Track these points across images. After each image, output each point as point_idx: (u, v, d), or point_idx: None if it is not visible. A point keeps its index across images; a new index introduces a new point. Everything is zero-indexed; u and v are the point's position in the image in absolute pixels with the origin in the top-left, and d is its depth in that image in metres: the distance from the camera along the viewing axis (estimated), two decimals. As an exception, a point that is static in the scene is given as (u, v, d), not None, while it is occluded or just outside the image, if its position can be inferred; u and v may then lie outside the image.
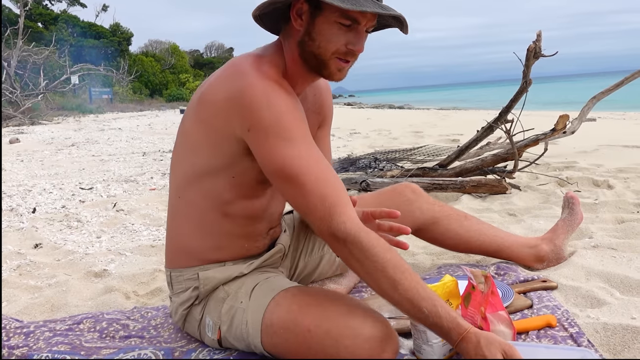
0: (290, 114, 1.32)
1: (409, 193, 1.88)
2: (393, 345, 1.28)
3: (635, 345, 1.38)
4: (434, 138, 7.72)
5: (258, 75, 1.32)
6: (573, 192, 2.13)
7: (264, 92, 1.30)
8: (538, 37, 3.35)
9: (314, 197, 1.27)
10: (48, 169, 6.05)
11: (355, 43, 1.33)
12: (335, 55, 1.34)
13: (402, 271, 1.23)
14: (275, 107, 1.29)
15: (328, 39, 1.32)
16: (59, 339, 1.63)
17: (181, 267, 1.54)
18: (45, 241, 2.96)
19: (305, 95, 1.54)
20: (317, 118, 1.62)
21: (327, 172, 1.32)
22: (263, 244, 1.60)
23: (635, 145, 5.63)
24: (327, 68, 1.37)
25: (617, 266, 1.92)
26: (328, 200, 1.27)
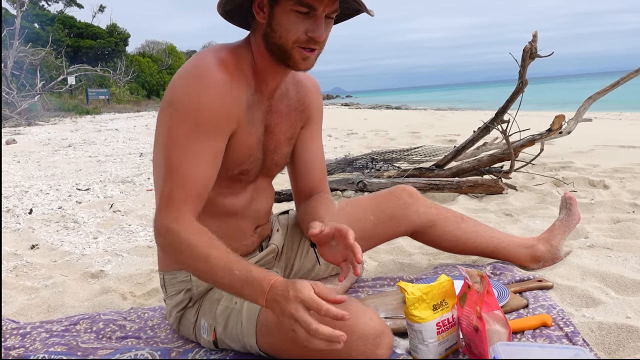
0: (207, 105, 1.32)
1: (406, 196, 1.87)
2: (387, 341, 1.28)
3: (630, 344, 1.39)
4: (430, 138, 7.73)
5: (204, 61, 1.35)
6: (571, 193, 2.13)
7: (196, 77, 1.33)
8: (534, 37, 3.36)
9: (167, 186, 1.33)
10: (45, 170, 6.05)
11: (314, 30, 1.31)
12: (297, 44, 1.33)
13: (213, 247, 1.28)
14: (193, 89, 1.32)
15: (287, 29, 1.32)
16: (55, 339, 1.63)
17: (174, 270, 1.55)
18: (41, 242, 2.96)
19: (285, 92, 1.54)
20: (299, 116, 1.60)
21: (197, 172, 1.33)
22: (251, 242, 1.60)
23: (631, 146, 5.65)
24: (291, 58, 1.36)
25: (613, 266, 1.92)
26: (173, 194, 1.32)
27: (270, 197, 1.66)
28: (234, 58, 1.39)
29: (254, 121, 1.45)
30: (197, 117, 1.32)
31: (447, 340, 1.37)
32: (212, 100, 1.32)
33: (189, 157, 1.32)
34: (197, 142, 1.33)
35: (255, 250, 1.64)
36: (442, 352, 1.36)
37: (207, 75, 1.33)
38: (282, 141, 1.56)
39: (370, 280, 1.99)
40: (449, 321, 1.37)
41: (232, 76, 1.36)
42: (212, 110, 1.33)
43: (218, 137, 1.36)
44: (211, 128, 1.34)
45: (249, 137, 1.45)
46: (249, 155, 1.47)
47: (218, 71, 1.34)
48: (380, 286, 1.93)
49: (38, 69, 21.41)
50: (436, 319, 1.34)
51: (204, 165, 1.34)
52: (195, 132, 1.32)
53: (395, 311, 1.61)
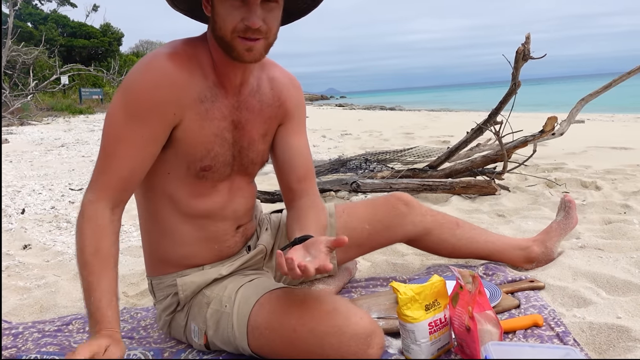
0: (144, 90, 1.33)
1: (402, 206, 1.84)
2: (378, 340, 1.29)
3: (620, 344, 1.40)
4: (424, 139, 7.75)
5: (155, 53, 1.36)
6: (570, 196, 2.14)
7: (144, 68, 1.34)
8: (527, 39, 3.37)
9: (96, 167, 1.36)
10: (37, 170, 6.02)
11: (249, 17, 1.27)
12: (235, 34, 1.30)
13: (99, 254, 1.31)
14: (139, 79, 1.34)
15: (224, 19, 1.30)
16: (47, 339, 1.63)
17: (160, 275, 1.54)
18: (34, 242, 2.95)
19: (257, 88, 1.50)
20: (275, 112, 1.55)
21: (126, 159, 1.34)
22: (234, 243, 1.58)
23: (623, 147, 5.69)
24: (233, 49, 1.32)
25: (604, 266, 1.94)
26: (98, 176, 1.35)
27: (250, 196, 1.62)
28: (190, 50, 1.38)
29: (209, 115, 1.40)
30: (132, 102, 1.32)
31: (439, 340, 1.37)
32: (149, 87, 1.32)
33: (118, 142, 1.33)
34: (128, 127, 1.33)
35: (242, 251, 1.61)
36: (435, 352, 1.37)
37: (152, 63, 1.34)
38: (256, 138, 1.52)
39: (364, 281, 1.99)
40: (441, 321, 1.37)
41: (181, 66, 1.34)
42: (148, 96, 1.32)
43: (152, 125, 1.34)
44: (144, 114, 1.32)
45: (202, 131, 1.40)
46: (208, 150, 1.42)
47: (165, 60, 1.33)
48: (373, 286, 1.93)
49: (31, 69, 21.30)
50: (428, 319, 1.35)
51: (133, 152, 1.34)
52: (128, 117, 1.32)
53: (387, 311, 1.62)
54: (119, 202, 1.36)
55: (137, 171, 1.37)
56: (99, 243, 1.31)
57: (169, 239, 1.50)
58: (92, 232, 1.31)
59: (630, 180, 3.78)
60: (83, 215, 1.33)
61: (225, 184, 1.51)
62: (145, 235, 1.56)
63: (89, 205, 1.33)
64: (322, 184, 3.84)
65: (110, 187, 1.34)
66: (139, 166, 1.37)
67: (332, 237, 1.28)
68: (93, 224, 1.32)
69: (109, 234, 1.33)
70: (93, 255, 1.30)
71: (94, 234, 1.31)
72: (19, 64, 21.05)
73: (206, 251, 1.53)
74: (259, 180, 1.64)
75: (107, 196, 1.34)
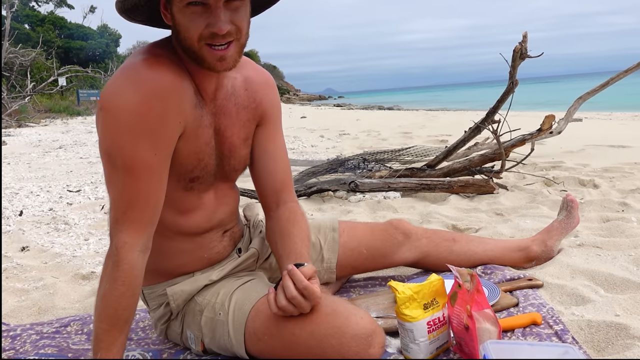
0: (149, 106, 1.21)
1: (399, 236, 1.84)
2: (379, 340, 1.28)
3: (618, 341, 1.40)
4: (422, 139, 7.74)
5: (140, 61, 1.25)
6: (573, 196, 2.14)
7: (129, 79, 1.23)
8: (524, 38, 3.38)
9: (118, 201, 1.26)
10: (35, 172, 6.01)
11: (214, 23, 1.17)
12: (202, 42, 1.20)
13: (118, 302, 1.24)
14: (130, 94, 1.21)
15: (186, 27, 1.19)
16: (46, 341, 1.63)
17: (151, 284, 1.52)
18: (32, 244, 2.94)
19: (232, 91, 1.42)
20: (252, 114, 1.48)
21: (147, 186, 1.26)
22: (223, 248, 1.54)
23: (620, 145, 5.69)
24: (204, 60, 1.23)
25: (602, 264, 1.94)
26: (126, 212, 1.25)
27: (233, 201, 1.57)
28: (167, 55, 1.28)
29: (202, 122, 1.34)
30: (135, 120, 1.21)
31: (437, 339, 1.37)
32: (148, 99, 1.21)
33: (137, 170, 1.23)
34: (141, 150, 1.22)
35: (232, 254, 1.57)
36: (433, 351, 1.37)
37: (141, 73, 1.23)
38: (237, 144, 1.45)
39: (362, 280, 1.99)
40: (440, 320, 1.37)
41: (172, 73, 1.25)
42: (150, 110, 1.21)
43: (163, 139, 1.26)
44: (153, 130, 1.23)
45: (197, 140, 1.34)
46: (199, 160, 1.37)
47: (153, 68, 1.23)
48: (372, 286, 1.93)
49: (28, 70, 21.26)
50: (427, 318, 1.35)
51: (155, 176, 1.26)
52: (136, 138, 1.21)
53: (386, 310, 1.62)
54: (150, 238, 1.29)
55: (162, 195, 1.29)
56: (130, 302, 1.25)
57: (157, 251, 1.42)
58: (127, 288, 1.24)
59: (628, 178, 3.78)
60: (119, 265, 1.22)
61: (209, 194, 1.47)
62: None
63: (125, 250, 1.23)
64: (320, 184, 3.84)
65: (142, 222, 1.25)
66: (162, 188, 1.29)
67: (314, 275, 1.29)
68: (129, 276, 1.24)
69: (139, 285, 1.27)
70: (120, 312, 1.24)
71: (128, 290, 1.24)
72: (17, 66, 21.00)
73: (196, 260, 1.51)
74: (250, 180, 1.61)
75: (141, 234, 1.25)
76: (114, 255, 1.24)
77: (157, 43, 1.34)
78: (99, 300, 1.25)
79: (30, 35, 28.64)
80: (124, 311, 1.25)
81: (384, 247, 1.82)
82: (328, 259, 1.76)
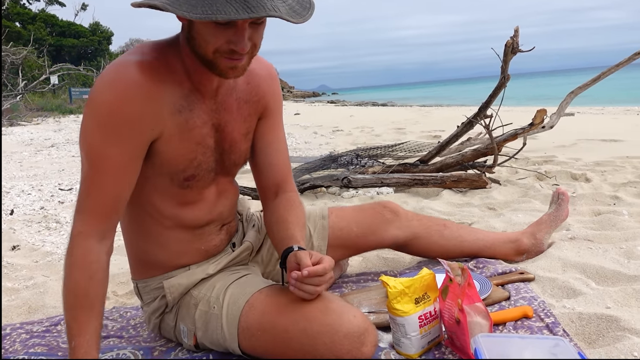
0: (119, 107, 1.22)
1: (388, 213, 1.84)
2: (372, 338, 1.28)
3: (609, 333, 1.40)
4: (415, 134, 7.75)
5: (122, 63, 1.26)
6: (564, 189, 2.15)
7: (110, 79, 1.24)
8: (515, 32, 3.38)
9: (80, 192, 1.27)
10: (27, 171, 5.98)
11: (237, 42, 1.17)
12: (218, 54, 1.19)
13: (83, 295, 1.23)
14: (107, 93, 1.22)
15: (206, 40, 1.18)
16: (35, 340, 1.61)
17: (146, 278, 1.52)
18: (23, 243, 2.93)
19: (233, 85, 1.41)
20: (254, 108, 1.47)
21: (112, 184, 1.26)
22: (220, 241, 1.55)
23: (612, 139, 5.72)
24: (216, 67, 1.23)
25: (593, 257, 1.94)
26: (83, 202, 1.26)
27: (233, 196, 1.58)
28: (161, 58, 1.28)
29: (189, 124, 1.32)
30: (105, 119, 1.22)
31: (429, 333, 1.37)
32: (121, 101, 1.22)
33: (99, 164, 1.24)
34: (105, 147, 1.23)
35: (227, 248, 1.58)
36: (425, 345, 1.37)
37: (121, 73, 1.23)
38: (238, 139, 1.45)
39: (354, 276, 1.99)
40: (431, 314, 1.37)
41: (152, 76, 1.24)
42: (120, 112, 1.22)
43: (130, 141, 1.25)
44: (120, 131, 1.23)
45: (182, 143, 1.33)
46: (190, 160, 1.36)
47: (135, 70, 1.23)
48: (365, 281, 1.93)
49: (20, 69, 21.14)
50: (418, 312, 1.35)
51: (115, 173, 1.26)
52: (104, 136, 1.23)
53: (378, 305, 1.62)
54: (109, 228, 1.29)
55: (123, 192, 1.29)
56: (87, 286, 1.23)
57: (153, 244, 1.46)
58: (81, 273, 1.23)
59: (619, 172, 3.80)
60: (72, 252, 1.24)
61: (211, 189, 1.47)
62: (128, 240, 1.53)
63: (79, 238, 1.24)
64: (313, 180, 3.83)
65: (98, 213, 1.26)
66: (124, 187, 1.29)
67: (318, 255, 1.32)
68: (82, 261, 1.24)
69: (98, 270, 1.25)
70: (81, 298, 1.23)
71: (82, 275, 1.23)
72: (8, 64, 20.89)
73: (192, 252, 1.50)
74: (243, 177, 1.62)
75: (96, 224, 1.25)
76: (69, 243, 1.26)
77: (160, 43, 1.32)
78: (62, 290, 1.26)
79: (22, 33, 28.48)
80: (84, 298, 1.23)
81: (374, 224, 1.81)
82: (318, 247, 1.75)
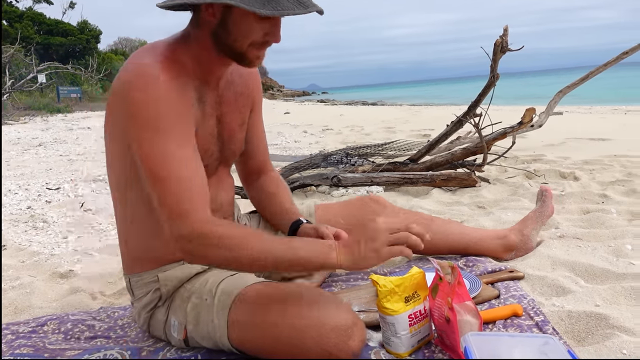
0: (167, 106, 1.26)
1: (374, 205, 1.88)
2: (359, 332, 1.28)
3: (598, 331, 1.41)
4: (405, 133, 7.77)
5: (144, 64, 1.28)
6: (547, 186, 2.16)
7: (144, 84, 1.26)
8: (505, 31, 3.38)
9: (165, 198, 1.26)
10: (14, 170, 5.92)
11: (275, 35, 1.29)
12: (252, 47, 1.29)
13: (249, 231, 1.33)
14: (147, 95, 1.25)
15: (245, 33, 1.27)
16: (21, 341, 1.59)
17: (140, 272, 1.51)
18: (9, 243, 2.89)
19: (230, 79, 1.50)
20: (247, 101, 1.58)
21: (191, 173, 1.29)
22: None
23: (600, 138, 5.76)
24: (245, 59, 1.33)
25: (582, 255, 1.95)
26: (180, 201, 1.26)
27: (231, 188, 1.64)
28: (174, 54, 1.33)
29: (205, 114, 1.41)
30: (156, 116, 1.25)
31: (419, 332, 1.37)
32: (169, 100, 1.26)
33: (174, 162, 1.26)
34: (170, 140, 1.26)
35: None
36: (415, 344, 1.36)
37: (147, 74, 1.26)
38: (235, 129, 1.54)
39: (344, 275, 1.98)
40: (421, 313, 1.37)
41: (175, 74, 1.30)
42: (175, 108, 1.27)
43: (189, 133, 1.31)
44: (181, 126, 1.28)
45: (205, 132, 1.41)
46: (206, 150, 1.43)
47: (159, 69, 1.27)
48: (354, 280, 1.92)
49: (7, 67, 20.95)
50: (408, 311, 1.34)
51: (191, 164, 1.30)
52: (161, 131, 1.25)
53: (368, 304, 1.61)
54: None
55: (204, 177, 1.33)
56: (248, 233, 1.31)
57: (150, 237, 1.46)
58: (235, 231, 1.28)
59: (607, 170, 3.83)
60: (215, 234, 1.25)
61: (213, 180, 1.49)
62: (123, 233, 1.52)
63: (203, 224, 1.26)
64: (302, 179, 3.83)
65: (198, 200, 1.27)
66: (202, 172, 1.33)
67: None
68: (226, 228, 1.28)
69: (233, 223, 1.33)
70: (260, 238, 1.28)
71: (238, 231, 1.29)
72: (-5, 63, 20.69)
73: None
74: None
75: (202, 209, 1.27)
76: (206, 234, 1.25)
77: (167, 42, 1.37)
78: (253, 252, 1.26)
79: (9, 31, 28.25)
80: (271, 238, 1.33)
81: (360, 215, 1.84)
82: None
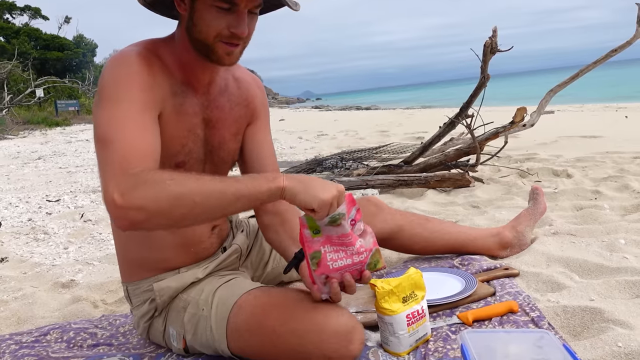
0: (128, 79, 1.26)
1: (372, 207, 1.90)
2: (359, 336, 1.30)
3: (593, 325, 1.42)
4: (399, 136, 7.81)
5: (123, 51, 1.32)
6: (538, 184, 2.20)
7: (116, 64, 1.28)
8: (494, 32, 3.42)
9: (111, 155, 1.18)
10: (14, 183, 5.92)
11: (237, 26, 1.27)
12: (218, 39, 1.29)
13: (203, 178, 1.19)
14: (115, 71, 1.27)
15: (208, 24, 1.28)
16: (25, 350, 1.61)
17: (136, 280, 1.53)
18: (11, 255, 2.90)
19: (225, 87, 1.51)
20: (244, 111, 1.56)
21: (141, 136, 1.23)
22: (210, 244, 1.57)
23: (592, 136, 5.80)
24: (213, 53, 1.32)
25: (576, 251, 1.98)
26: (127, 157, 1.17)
27: None
28: (153, 50, 1.35)
29: (182, 110, 1.39)
30: (120, 87, 1.25)
31: (417, 332, 1.39)
32: (131, 73, 1.27)
33: (128, 124, 1.22)
34: (125, 103, 1.23)
35: (218, 252, 1.60)
36: (413, 344, 1.38)
37: (125, 58, 1.29)
38: (227, 137, 1.52)
39: (342, 277, 2.00)
40: (419, 313, 1.39)
41: (149, 64, 1.31)
42: (138, 83, 1.27)
43: (149, 107, 1.28)
44: (135, 89, 1.26)
45: (178, 125, 1.38)
46: (182, 145, 1.41)
47: (135, 57, 1.30)
48: (352, 282, 1.94)
49: (5, 83, 20.93)
50: (406, 311, 1.36)
51: (144, 128, 1.25)
52: (119, 99, 1.24)
53: (366, 305, 1.63)
54: None
55: (157, 145, 1.26)
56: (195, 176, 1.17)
57: (144, 244, 1.48)
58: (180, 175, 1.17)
59: (600, 167, 3.86)
60: (158, 179, 1.14)
61: None
62: (119, 241, 1.55)
63: (145, 173, 1.15)
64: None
65: (146, 159, 1.20)
66: (156, 140, 1.27)
67: None
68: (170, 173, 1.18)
69: None
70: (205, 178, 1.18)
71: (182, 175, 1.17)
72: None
73: (183, 254, 1.52)
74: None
75: (149, 164, 1.20)
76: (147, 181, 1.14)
77: (152, 40, 1.40)
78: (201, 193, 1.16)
79: (6, 47, 28.23)
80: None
81: None
82: None
